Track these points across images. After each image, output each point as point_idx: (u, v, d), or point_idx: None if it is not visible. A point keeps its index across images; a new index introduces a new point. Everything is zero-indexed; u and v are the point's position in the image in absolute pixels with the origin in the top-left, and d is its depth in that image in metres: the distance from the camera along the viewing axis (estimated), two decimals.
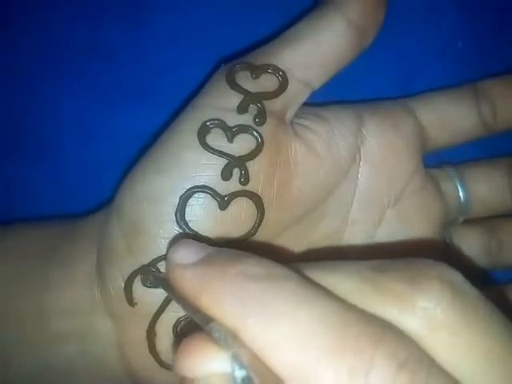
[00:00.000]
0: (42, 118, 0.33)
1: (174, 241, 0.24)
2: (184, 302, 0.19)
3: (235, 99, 0.25)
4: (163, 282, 0.23)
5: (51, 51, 0.32)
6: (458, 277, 0.18)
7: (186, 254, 0.19)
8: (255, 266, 0.18)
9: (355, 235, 0.29)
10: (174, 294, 0.20)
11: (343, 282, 0.18)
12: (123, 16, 0.32)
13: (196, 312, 0.18)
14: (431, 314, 0.17)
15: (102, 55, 0.32)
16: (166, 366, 0.25)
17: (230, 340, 0.17)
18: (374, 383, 0.16)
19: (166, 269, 0.20)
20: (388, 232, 0.29)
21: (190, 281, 0.18)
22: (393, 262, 0.19)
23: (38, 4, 0.32)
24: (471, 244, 0.32)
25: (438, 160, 0.32)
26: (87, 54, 0.32)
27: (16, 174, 0.33)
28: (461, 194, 0.31)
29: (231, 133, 0.25)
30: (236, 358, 0.17)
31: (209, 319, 0.18)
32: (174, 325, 0.25)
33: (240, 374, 0.16)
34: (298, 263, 0.19)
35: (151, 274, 0.25)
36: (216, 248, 0.20)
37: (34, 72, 0.33)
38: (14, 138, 0.33)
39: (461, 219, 0.31)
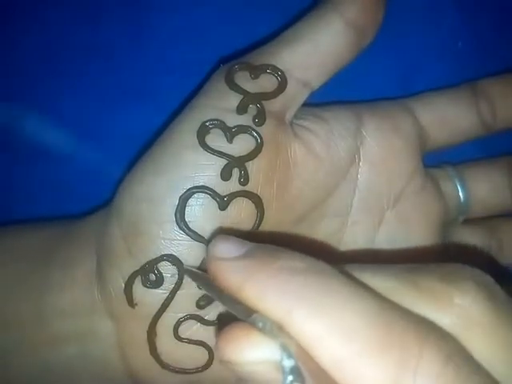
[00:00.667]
0: (41, 118, 0.33)
1: (213, 236, 0.23)
2: (222, 295, 0.19)
3: (234, 99, 0.25)
4: (195, 275, 0.23)
5: (51, 51, 0.32)
6: (489, 278, 0.19)
7: (228, 249, 0.19)
8: (298, 261, 0.18)
9: (355, 236, 0.29)
10: (210, 287, 0.20)
11: (382, 281, 0.18)
12: (123, 16, 0.32)
13: (237, 304, 0.18)
14: (467, 312, 0.17)
15: (102, 55, 0.32)
16: (166, 367, 0.25)
17: (275, 330, 0.17)
18: (422, 377, 0.16)
19: (206, 262, 0.20)
20: (388, 233, 0.29)
21: (232, 274, 0.18)
22: (425, 265, 0.19)
23: (37, 4, 0.32)
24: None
25: (437, 160, 0.32)
26: (87, 54, 0.32)
27: (15, 174, 0.33)
28: (460, 193, 0.31)
29: (230, 133, 0.25)
30: (284, 348, 0.17)
31: (250, 312, 0.18)
32: (175, 326, 0.25)
33: (288, 363, 0.16)
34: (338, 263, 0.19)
35: (184, 268, 0.24)
36: (257, 244, 0.20)
37: (34, 72, 0.33)
38: (14, 138, 0.33)
39: (461, 219, 0.31)
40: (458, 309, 0.17)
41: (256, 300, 0.18)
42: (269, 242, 0.20)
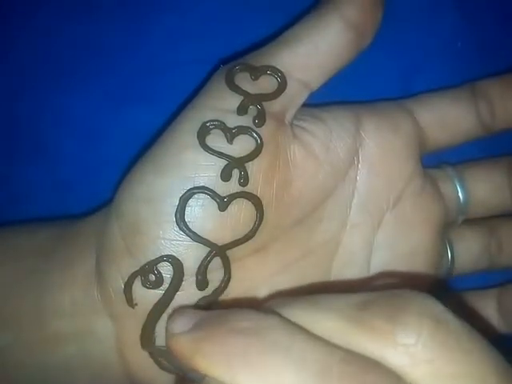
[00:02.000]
0: (41, 118, 0.33)
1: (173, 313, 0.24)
2: (183, 366, 0.20)
3: (234, 100, 0.25)
4: (164, 353, 0.25)
5: (51, 51, 0.32)
6: (438, 308, 0.18)
7: (181, 323, 0.20)
8: (241, 321, 0.19)
9: (354, 238, 0.28)
10: (174, 362, 0.22)
11: (326, 321, 0.19)
12: (123, 16, 0.32)
13: (192, 371, 0.19)
14: (412, 350, 0.17)
15: (102, 55, 0.32)
16: (164, 368, 0.25)
17: None
18: None
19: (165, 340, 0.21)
20: (387, 234, 0.29)
21: (183, 347, 0.19)
22: (375, 296, 0.19)
23: (38, 4, 0.32)
24: (471, 244, 0.32)
25: (437, 160, 0.32)
26: (87, 54, 0.32)
27: (15, 174, 0.33)
28: (460, 194, 0.31)
29: (231, 134, 0.25)
30: None
31: (203, 376, 0.19)
32: None
33: None
34: (281, 300, 0.20)
35: (156, 351, 0.25)
36: (207, 311, 0.21)
37: (34, 72, 0.33)
38: (13, 138, 0.33)
39: (460, 219, 0.31)
40: (403, 348, 0.17)
41: (205, 368, 0.18)
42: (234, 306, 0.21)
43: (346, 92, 0.30)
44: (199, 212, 0.25)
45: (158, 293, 0.25)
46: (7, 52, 0.33)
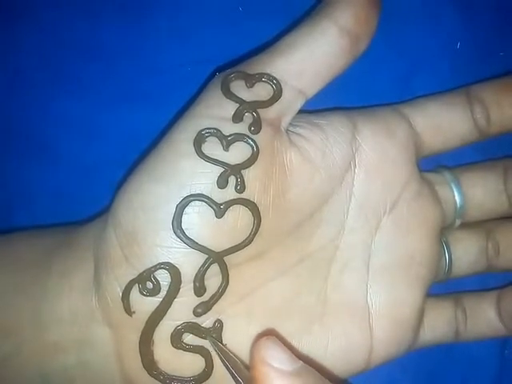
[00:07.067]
0: (40, 120, 0.33)
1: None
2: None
3: (230, 108, 0.25)
4: (222, 351, 0.25)
5: (51, 51, 0.33)
6: None
7: (279, 359, 0.21)
8: None
9: (352, 243, 0.29)
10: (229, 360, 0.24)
11: None
12: (123, 16, 0.33)
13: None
14: None
15: (101, 55, 0.33)
16: (156, 377, 0.26)
17: None
18: None
19: (254, 357, 0.22)
20: (385, 238, 0.29)
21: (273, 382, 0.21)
22: None
23: (38, 4, 0.33)
24: (468, 247, 0.32)
25: (434, 163, 0.32)
26: (86, 55, 0.33)
27: (14, 178, 0.33)
28: (457, 198, 0.31)
29: (227, 141, 0.25)
30: None
31: None
32: (172, 334, 0.25)
33: None
34: None
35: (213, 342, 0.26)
36: (305, 365, 0.22)
37: (33, 72, 0.33)
38: (13, 140, 0.33)
39: (458, 223, 0.31)
40: None
41: None
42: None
43: (345, 95, 0.31)
44: (196, 219, 0.25)
45: (156, 300, 0.25)
46: (7, 53, 0.33)
